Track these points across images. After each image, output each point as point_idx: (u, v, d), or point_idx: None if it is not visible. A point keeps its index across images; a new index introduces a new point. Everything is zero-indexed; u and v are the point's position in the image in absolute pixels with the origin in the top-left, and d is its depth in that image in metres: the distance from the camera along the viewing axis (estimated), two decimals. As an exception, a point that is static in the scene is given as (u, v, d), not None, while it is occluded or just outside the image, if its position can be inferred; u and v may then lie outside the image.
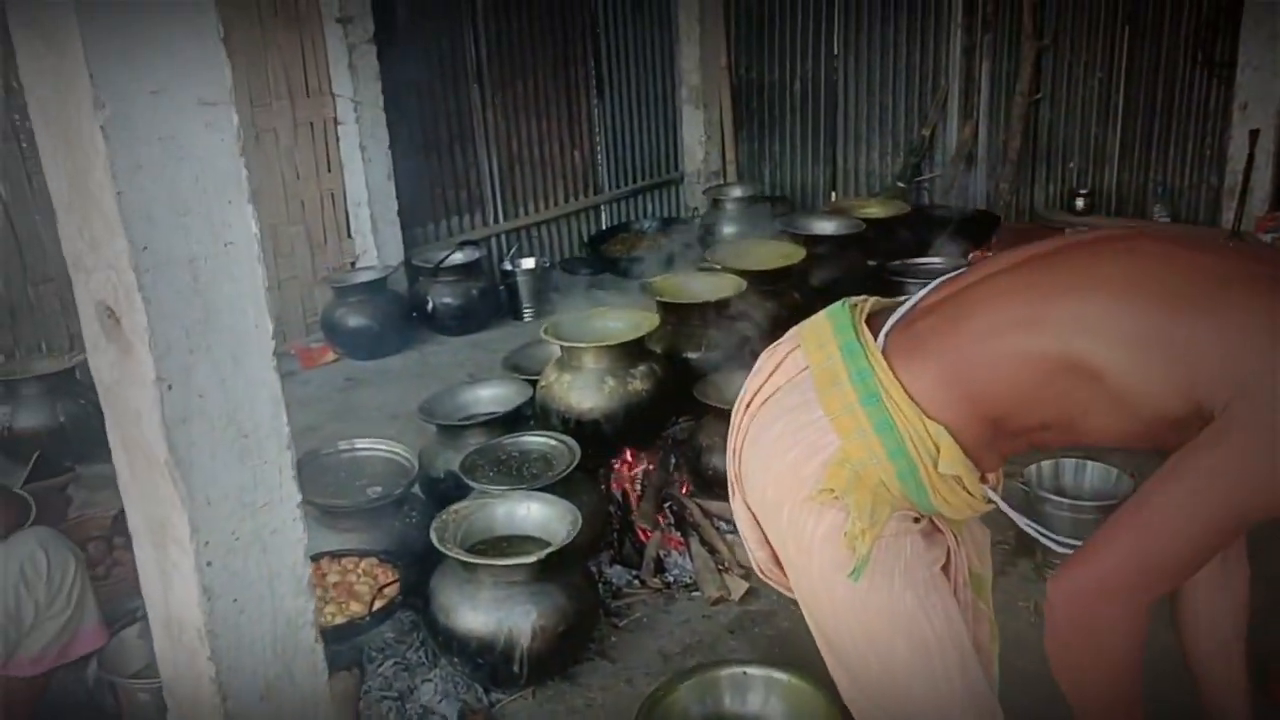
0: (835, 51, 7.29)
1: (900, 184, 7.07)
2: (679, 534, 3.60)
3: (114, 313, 1.56)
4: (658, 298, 4.04)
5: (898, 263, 4.90)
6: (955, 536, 1.83)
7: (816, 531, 1.70)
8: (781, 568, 1.88)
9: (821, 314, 1.85)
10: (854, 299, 1.87)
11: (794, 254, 4.44)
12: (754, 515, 1.87)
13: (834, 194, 7.56)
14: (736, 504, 1.91)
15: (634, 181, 7.53)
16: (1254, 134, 5.80)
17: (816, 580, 1.76)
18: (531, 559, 2.83)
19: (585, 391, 3.56)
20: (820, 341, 1.76)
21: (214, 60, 1.52)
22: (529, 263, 6.30)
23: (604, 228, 7.28)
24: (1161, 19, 6.17)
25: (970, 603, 1.90)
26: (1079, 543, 1.64)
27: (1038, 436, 1.69)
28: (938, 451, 1.64)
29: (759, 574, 1.97)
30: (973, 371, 1.63)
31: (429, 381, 5.30)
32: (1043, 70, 6.59)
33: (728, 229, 6.65)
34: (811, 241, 4.75)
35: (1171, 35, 6.16)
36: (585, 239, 7.05)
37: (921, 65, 6.98)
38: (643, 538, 3.58)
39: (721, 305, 4.03)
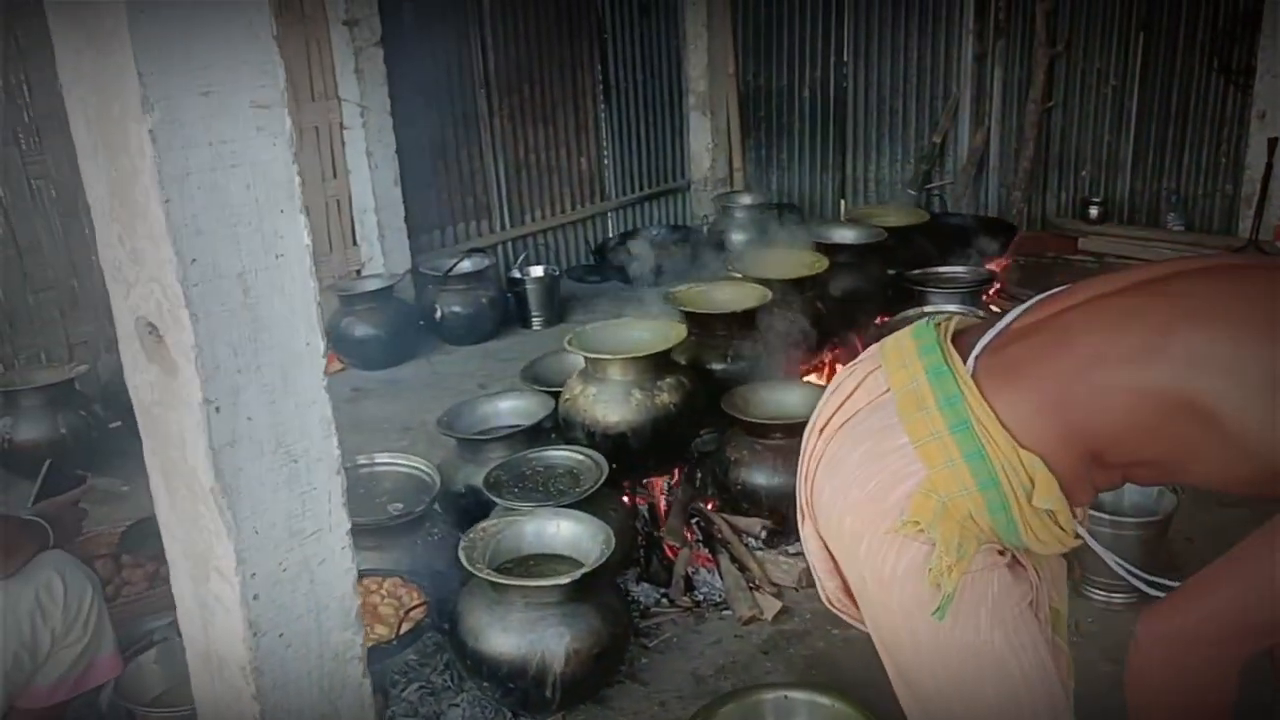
0: (844, 58, 7.22)
1: (911, 191, 7.01)
2: (707, 551, 3.50)
3: (157, 329, 1.46)
4: (681, 307, 3.94)
5: (918, 271, 4.82)
6: (1037, 571, 1.73)
7: (898, 566, 1.60)
8: (853, 599, 1.79)
9: (904, 332, 1.75)
10: (937, 316, 1.78)
11: (817, 263, 4.35)
12: (825, 544, 1.77)
13: (843, 202, 7.50)
14: (806, 531, 1.81)
15: (641, 189, 7.44)
16: (1273, 142, 5.74)
17: (896, 617, 1.66)
18: (565, 580, 2.73)
19: (611, 404, 3.46)
20: (904, 361, 1.67)
21: (267, 60, 1.42)
22: (537, 270, 6.20)
23: (610, 235, 7.18)
24: (1177, 25, 6.11)
25: (1051, 639, 1.80)
26: (1174, 584, 1.57)
27: (1135, 472, 1.60)
28: (1032, 484, 1.55)
29: (826, 604, 1.87)
30: (1074, 402, 1.53)
31: (439, 392, 5.21)
32: (1055, 77, 6.53)
33: (737, 236, 6.58)
34: (831, 250, 4.66)
35: (1187, 42, 6.11)
36: (592, 246, 6.95)
37: (932, 72, 6.91)
38: (670, 555, 3.48)
39: (747, 315, 3.94)
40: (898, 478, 1.60)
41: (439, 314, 5.77)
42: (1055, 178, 6.70)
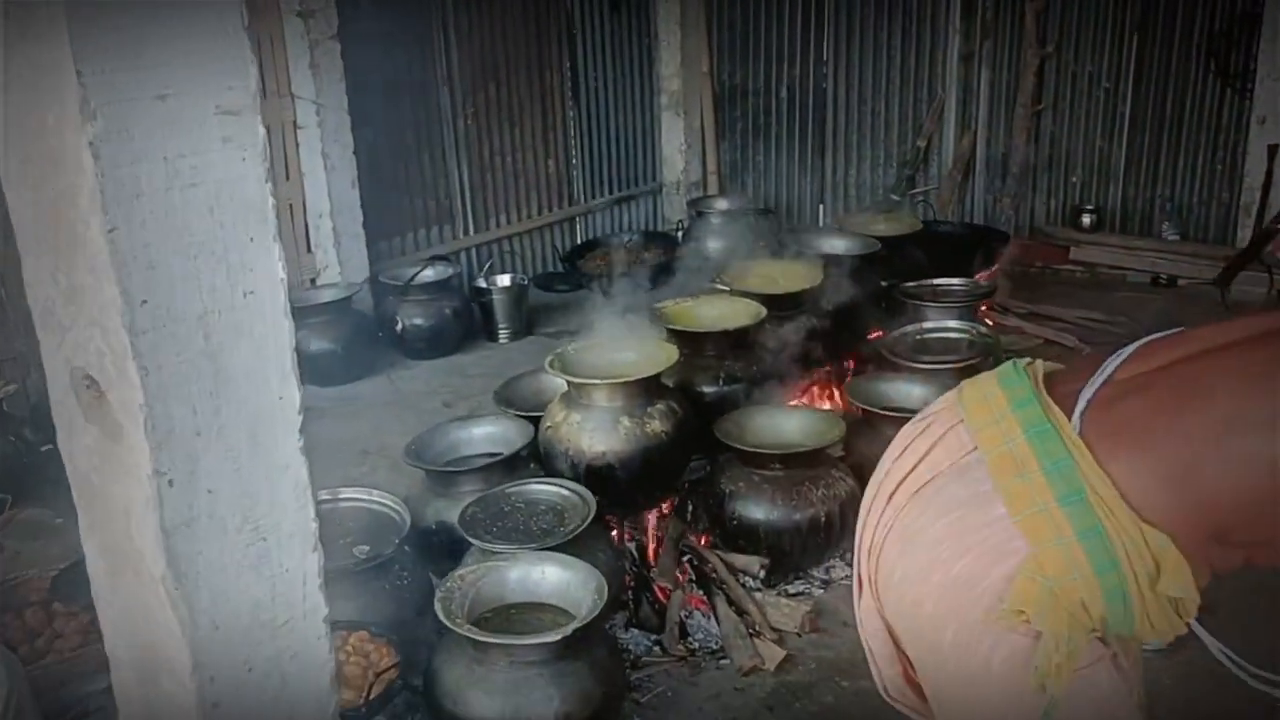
0: (824, 57, 7.07)
1: (894, 197, 6.87)
2: (701, 592, 3.30)
3: (97, 384, 1.22)
4: (669, 325, 3.74)
5: (912, 284, 4.65)
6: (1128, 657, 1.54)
7: (992, 661, 1.39)
8: (917, 691, 1.58)
9: (987, 379, 1.54)
10: (1021, 360, 1.57)
11: (812, 276, 4.17)
12: (888, 626, 1.56)
13: (822, 207, 7.35)
14: (864, 608, 1.60)
15: (611, 192, 7.23)
16: (1273, 148, 5.66)
17: None
18: (555, 636, 2.51)
19: (598, 433, 3.25)
20: (993, 416, 1.45)
21: (237, 57, 1.19)
22: (504, 280, 5.97)
23: (580, 241, 6.97)
24: (1172, 26, 6.03)
25: None
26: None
27: (1259, 553, 1.41)
28: (1157, 568, 1.35)
29: (883, 696, 1.67)
30: (1206, 472, 1.33)
31: (400, 411, 4.98)
32: (1045, 79, 6.42)
33: (714, 243, 6.39)
34: (822, 261, 4.48)
35: (1183, 44, 6.02)
36: (561, 253, 6.74)
37: (917, 72, 6.78)
38: (662, 597, 3.27)
39: (739, 334, 3.74)
40: (995, 556, 1.38)
41: (400, 326, 5.53)
42: (1045, 184, 6.59)
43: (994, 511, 1.39)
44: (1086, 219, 6.28)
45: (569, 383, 3.34)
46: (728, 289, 4.24)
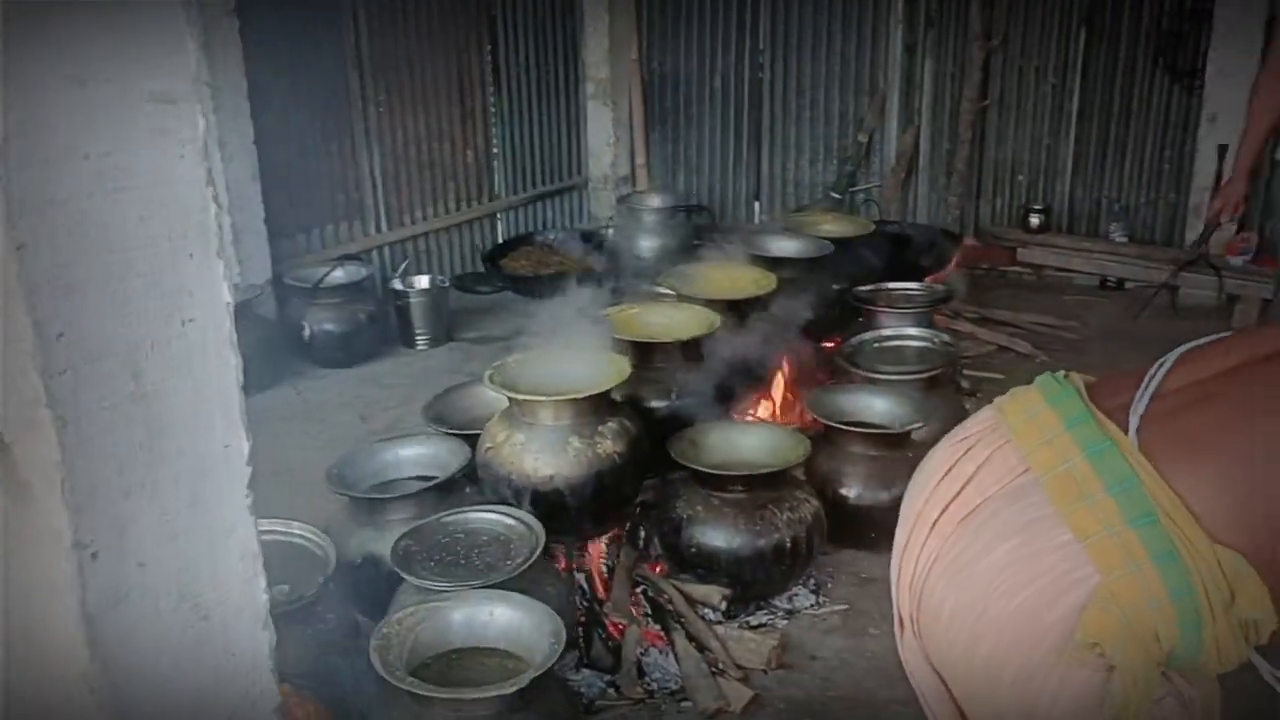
0: (760, 45, 6.99)
1: (834, 194, 6.82)
2: (658, 626, 3.15)
3: (0, 435, 1.03)
4: (617, 335, 3.59)
5: (867, 289, 4.58)
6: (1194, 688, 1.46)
7: (1059, 697, 1.33)
8: None
9: (1029, 395, 1.49)
10: (1057, 372, 1.51)
11: (765, 281, 4.06)
12: (934, 667, 1.47)
13: (757, 204, 7.27)
14: (908, 650, 1.52)
15: (534, 186, 7.08)
16: (1223, 149, 5.72)
17: None
18: (510, 688, 2.34)
19: (544, 455, 3.08)
20: (1045, 435, 1.39)
21: (171, 29, 1.00)
22: (423, 281, 5.77)
23: (502, 239, 6.79)
24: (1121, 22, 6.07)
25: None
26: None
27: None
28: (1231, 592, 1.27)
29: None
30: (1278, 487, 1.27)
31: (310, 426, 4.76)
32: (991, 73, 6.42)
33: (646, 243, 6.27)
34: (772, 265, 4.37)
35: (1131, 39, 6.07)
36: (483, 252, 6.54)
37: (857, 64, 6.74)
38: (615, 633, 3.12)
39: (692, 344, 3.61)
40: (1062, 586, 1.32)
41: (307, 332, 5.31)
42: (991, 183, 6.60)
43: (1058, 537, 1.33)
44: (1035, 219, 6.29)
45: (511, 399, 3.16)
46: (673, 293, 4.10)
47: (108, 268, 0.99)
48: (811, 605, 3.37)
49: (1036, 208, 6.35)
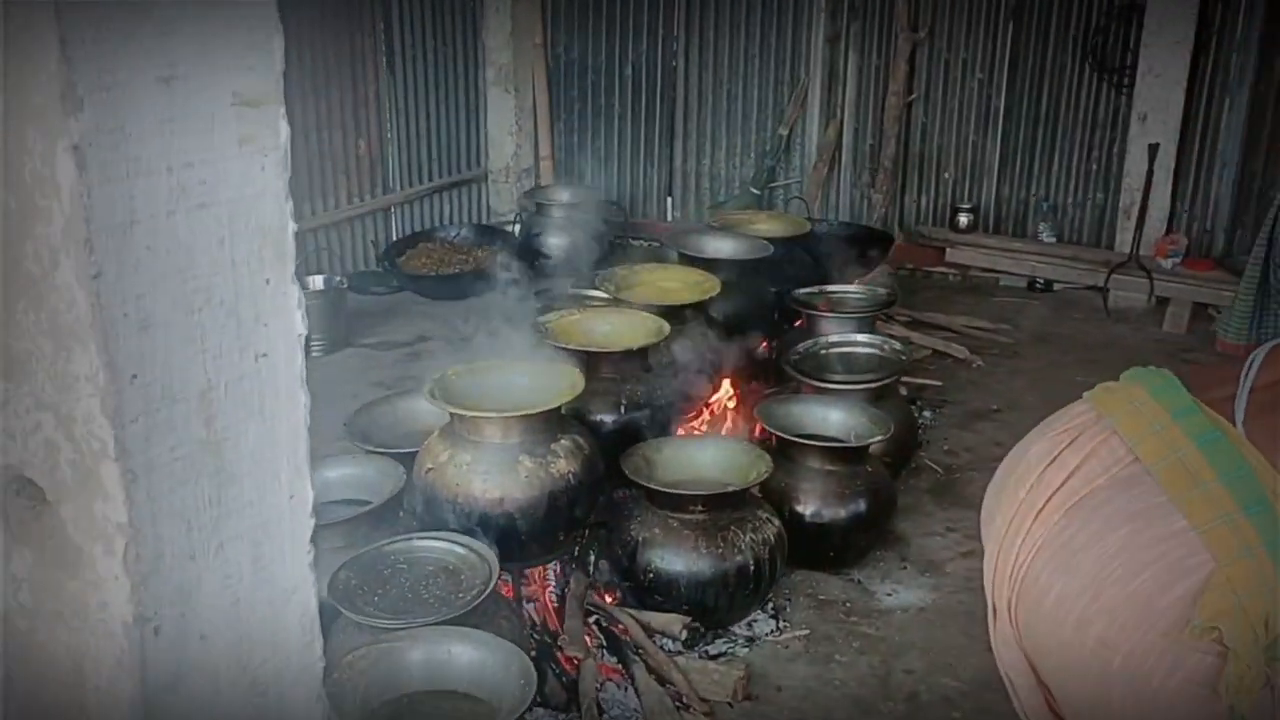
0: (675, 31, 6.98)
1: (753, 190, 6.85)
2: (615, 660, 3.10)
3: (39, 490, 0.93)
4: (561, 344, 3.52)
5: (806, 291, 4.60)
6: None
7: (1169, 680, 1.42)
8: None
9: (1129, 389, 1.62)
10: (1154, 369, 1.61)
11: (709, 284, 4.04)
12: (1027, 656, 1.54)
13: (670, 200, 7.27)
14: (1001, 638, 1.63)
15: (431, 178, 6.94)
16: (1154, 148, 5.93)
17: None
18: (483, 738, 2.27)
19: (493, 476, 3.00)
20: (1152, 426, 1.49)
21: (262, 26, 0.92)
22: (317, 281, 5.59)
23: (399, 235, 6.65)
24: (1049, 17, 6.24)
25: None
26: None
27: None
28: None
29: None
30: None
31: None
32: (917, 67, 6.53)
33: (555, 241, 6.26)
34: (708, 266, 4.35)
35: (1060, 35, 6.24)
36: (379, 249, 6.39)
37: (778, 53, 6.78)
38: (569, 668, 3.05)
39: (639, 354, 3.57)
40: (1178, 571, 1.43)
41: (192, 338, 5.07)
42: (916, 180, 6.71)
43: (1173, 524, 1.43)
44: (964, 219, 6.42)
45: (454, 416, 3.07)
46: (606, 297, 4.06)
47: (187, 297, 0.91)
48: (772, 631, 3.36)
49: (964, 206, 6.48)
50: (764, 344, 4.59)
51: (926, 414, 4.81)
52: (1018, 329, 5.81)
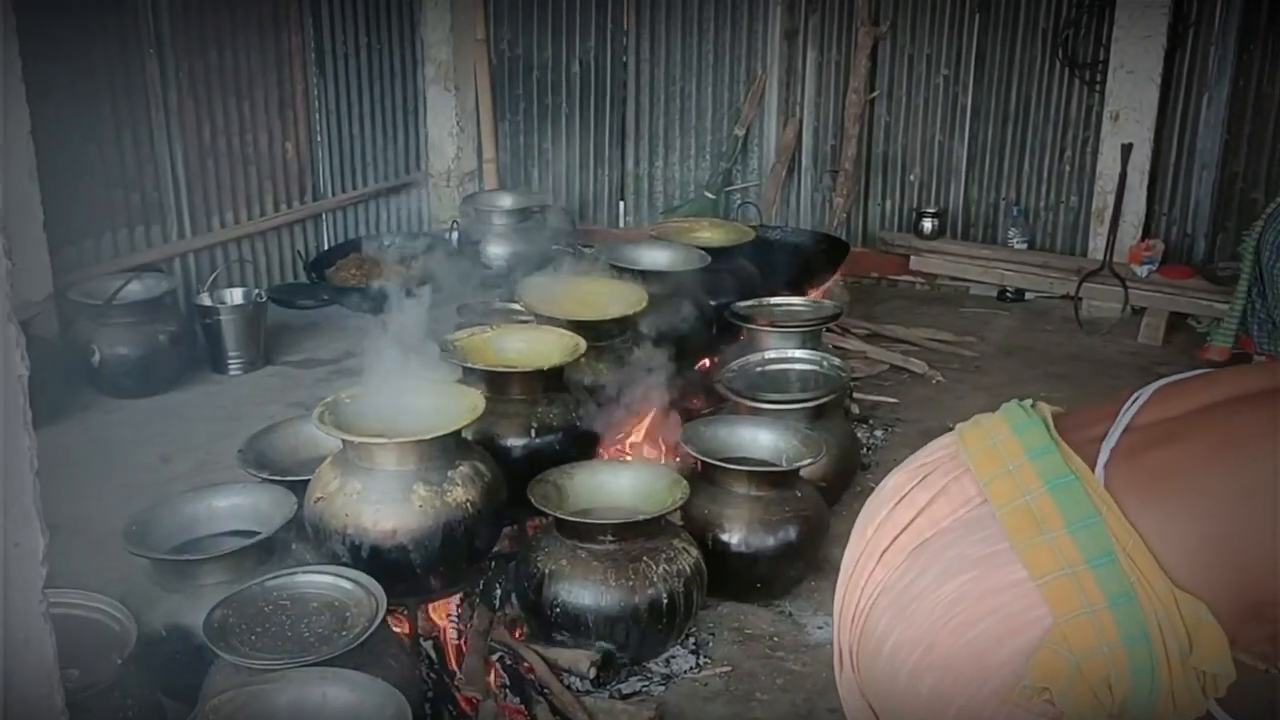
0: (625, 26, 7.05)
1: (708, 194, 6.91)
2: (518, 700, 3.13)
3: None
4: (465, 363, 3.56)
5: (746, 304, 4.65)
6: None
7: None
8: None
9: (992, 421, 1.59)
10: (1025, 400, 1.61)
11: (635, 298, 4.08)
12: (870, 705, 1.55)
13: (622, 205, 7.33)
14: (845, 684, 1.61)
15: (365, 184, 7.00)
16: (1127, 149, 5.99)
17: None
18: (349, 787, 2.28)
19: (385, 506, 3.03)
20: (1006, 465, 1.49)
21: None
22: (236, 295, 5.64)
23: (328, 245, 6.70)
24: (1016, 9, 6.32)
25: None
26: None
27: None
28: (1189, 640, 1.35)
29: None
30: (1253, 534, 1.37)
31: (100, 470, 4.58)
32: (879, 63, 6.60)
33: (496, 250, 6.33)
34: (641, 278, 4.40)
35: (1028, 28, 6.32)
36: (305, 260, 6.42)
37: (733, 49, 6.86)
38: (469, 708, 3.08)
39: (554, 373, 3.60)
40: (1013, 625, 1.41)
41: (97, 356, 5.12)
42: (880, 183, 6.79)
43: (1011, 574, 1.42)
44: (928, 224, 6.48)
45: (345, 441, 3.10)
46: (528, 312, 4.10)
47: None
48: (691, 668, 3.38)
49: (929, 211, 6.54)
50: (703, 361, 4.63)
51: (878, 434, 4.85)
52: (983, 341, 5.87)
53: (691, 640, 3.48)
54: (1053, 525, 1.41)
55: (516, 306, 4.34)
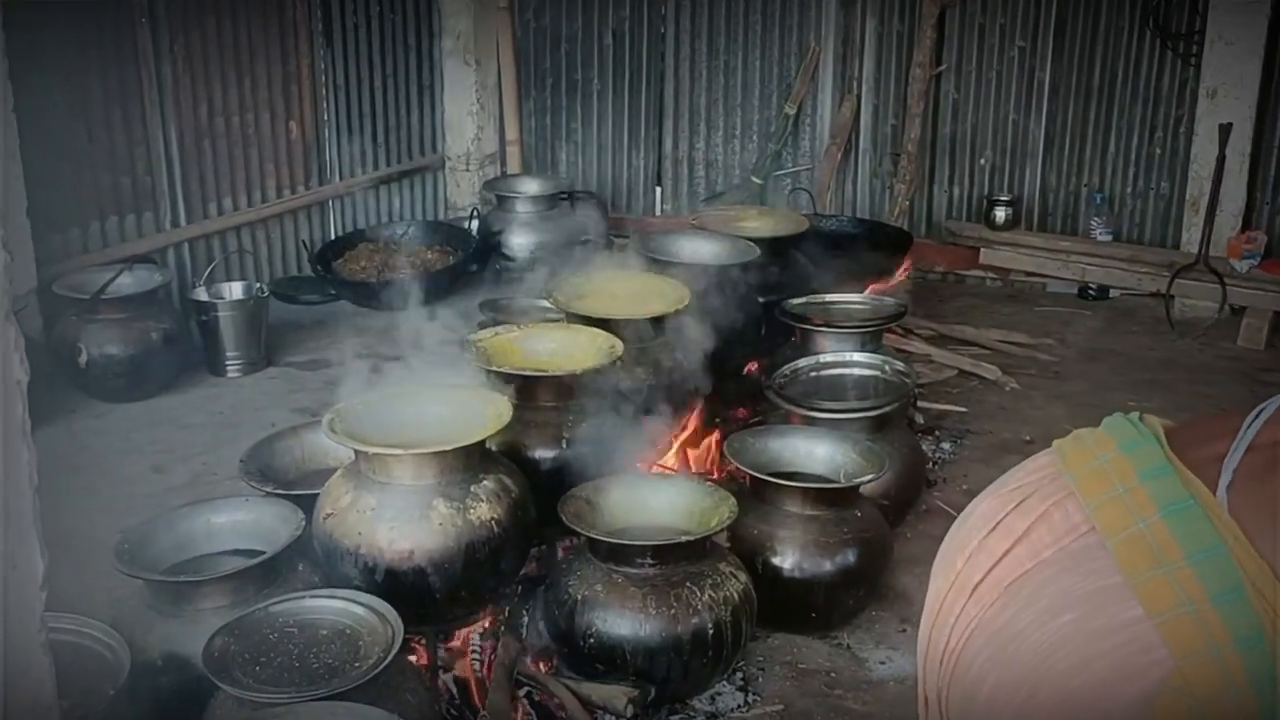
0: (663, -6, 7.08)
1: (755, 180, 6.91)
2: (547, 738, 3.14)
3: None
4: (490, 366, 3.57)
5: (800, 302, 4.64)
6: None
7: None
8: None
9: (1097, 438, 1.53)
10: (1132, 413, 1.57)
11: (676, 295, 4.08)
12: None
13: (659, 191, 7.34)
14: None
15: (376, 168, 7.05)
16: (1225, 129, 5.93)
17: None
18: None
19: (402, 524, 3.05)
20: (1116, 488, 1.44)
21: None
22: (235, 289, 5.71)
23: (336, 235, 6.75)
24: (1102, -27, 6.29)
25: None
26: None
27: None
28: None
29: None
30: None
31: (90, 479, 4.63)
32: (946, 34, 6.59)
33: (520, 240, 6.37)
34: (683, 273, 4.40)
35: (1115, -4, 6.29)
36: (311, 252, 6.46)
37: (784, 19, 6.86)
38: (493, 749, 3.09)
39: (588, 377, 3.61)
40: (1128, 670, 1.37)
41: (84, 356, 5.19)
42: (947, 168, 6.77)
43: (1126, 612, 1.38)
44: (1001, 213, 6.46)
45: (358, 452, 3.12)
46: (559, 311, 4.11)
47: None
48: (739, 706, 3.39)
49: (1002, 199, 6.52)
50: (751, 365, 4.62)
51: (945, 446, 4.84)
52: (1063, 344, 5.84)
53: (739, 675, 3.48)
54: (1171, 556, 1.41)
55: (545, 304, 4.35)
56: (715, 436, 4.14)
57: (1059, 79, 6.48)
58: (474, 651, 3.34)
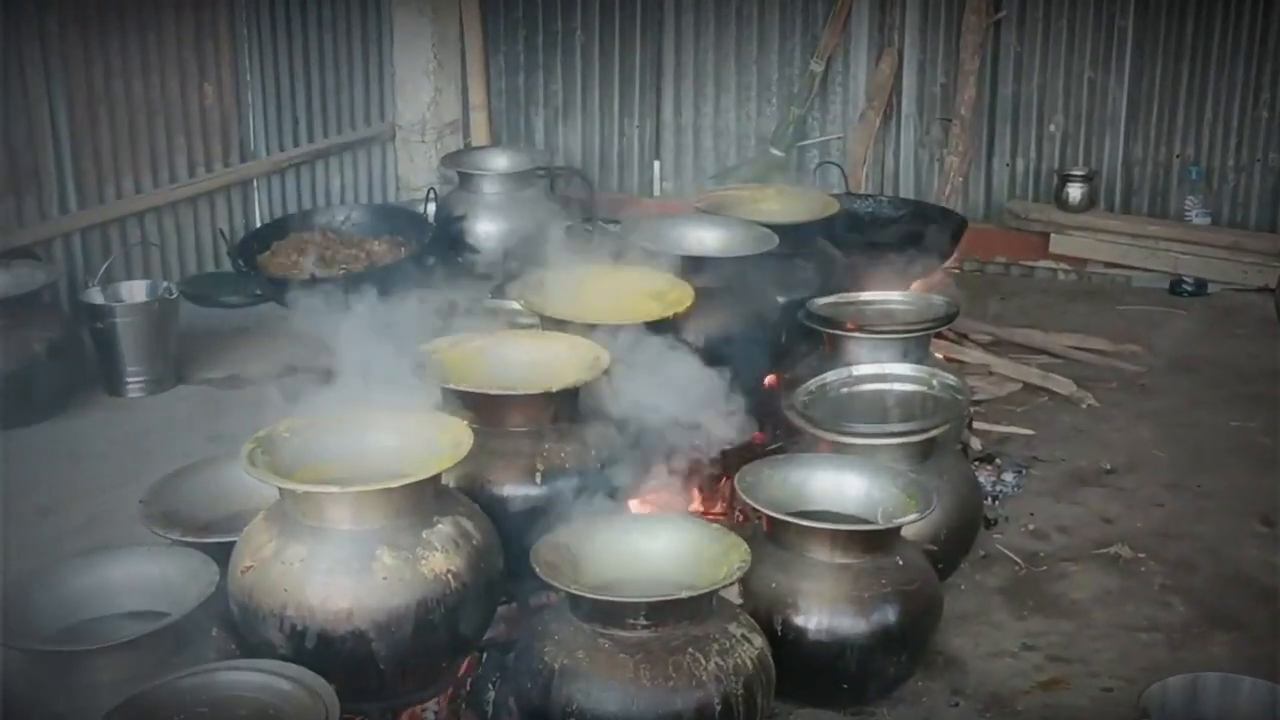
0: (660, -73, 7.12)
1: (775, 152, 6.94)
2: (517, 843, 3.15)
3: None
4: (445, 384, 3.59)
5: (828, 301, 4.66)
6: None
7: None
8: None
9: None
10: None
11: (677, 295, 4.11)
12: None
13: (657, 166, 7.36)
14: None
15: (311, 140, 7.11)
16: (1345, 90, 5.98)
17: None
18: None
19: (337, 578, 3.07)
20: None
21: None
22: (137, 289, 5.75)
23: (262, 222, 6.80)
24: (1196, -98, 6.33)
25: None
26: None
27: None
28: None
29: None
30: None
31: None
32: (1007, -26, 6.63)
33: (487, 227, 6.35)
34: (687, 266, 4.42)
35: (1211, -73, 6.33)
36: (232, 243, 6.47)
37: (807, -43, 6.90)
38: None
39: (567, 396, 3.63)
40: None
41: (-49, 374, 5.21)
42: (1009, 136, 6.80)
43: None
44: (1075, 191, 6.49)
45: (284, 490, 3.14)
46: (532, 314, 4.13)
47: None
48: (752, 802, 3.39)
49: (1077, 174, 6.57)
50: (769, 380, 4.63)
51: (1007, 478, 4.85)
52: (1151, 351, 5.87)
53: (756, 760, 3.49)
54: None
55: (516, 306, 4.36)
56: (723, 468, 4.14)
57: (1144, 31, 6.52)
58: (426, 730, 3.37)
